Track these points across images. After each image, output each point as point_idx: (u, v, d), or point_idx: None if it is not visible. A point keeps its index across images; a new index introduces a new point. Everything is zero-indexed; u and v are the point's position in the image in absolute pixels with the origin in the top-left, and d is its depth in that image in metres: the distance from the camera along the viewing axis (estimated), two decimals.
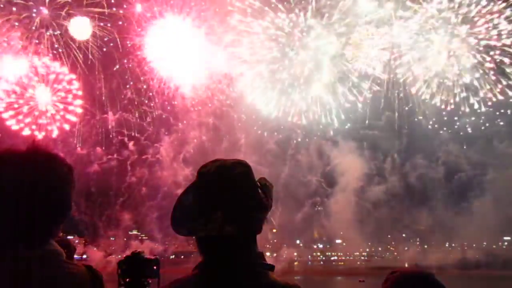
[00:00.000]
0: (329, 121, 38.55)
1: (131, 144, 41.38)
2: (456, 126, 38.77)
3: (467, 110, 36.25)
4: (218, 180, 1.62)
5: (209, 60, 37.10)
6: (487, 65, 34.83)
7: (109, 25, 35.38)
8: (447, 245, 47.74)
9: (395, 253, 49.46)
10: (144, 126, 40.48)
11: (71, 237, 47.86)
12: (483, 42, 34.31)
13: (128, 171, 41.94)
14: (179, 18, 35.87)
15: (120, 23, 35.67)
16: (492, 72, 35.10)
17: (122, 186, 42.36)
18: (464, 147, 39.77)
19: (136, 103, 38.98)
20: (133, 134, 40.89)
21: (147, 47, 36.21)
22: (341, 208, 49.52)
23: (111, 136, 40.49)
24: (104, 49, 36.04)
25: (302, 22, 36.54)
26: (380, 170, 41.16)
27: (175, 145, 40.31)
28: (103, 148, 40.90)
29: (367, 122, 39.50)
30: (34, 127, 35.04)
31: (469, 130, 37.97)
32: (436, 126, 39.12)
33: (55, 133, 35.87)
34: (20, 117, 34.62)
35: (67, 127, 36.20)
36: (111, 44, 35.91)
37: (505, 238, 47.79)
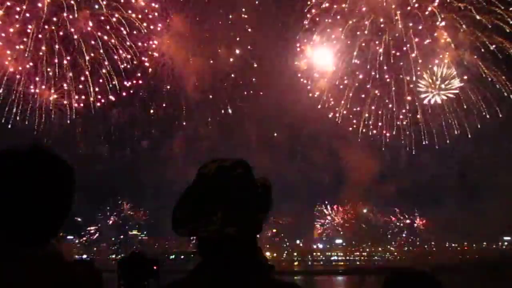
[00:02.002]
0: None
1: (144, 142, 41.51)
2: (461, 125, 38.79)
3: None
4: (218, 181, 1.62)
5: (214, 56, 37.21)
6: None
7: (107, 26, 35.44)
8: (447, 245, 47.79)
9: (395, 253, 49.47)
10: (156, 122, 40.52)
11: (71, 237, 47.93)
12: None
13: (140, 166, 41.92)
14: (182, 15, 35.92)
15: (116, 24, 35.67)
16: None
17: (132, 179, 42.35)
18: (468, 148, 39.74)
19: (140, 96, 38.89)
20: (143, 130, 40.98)
21: (152, 44, 36.31)
22: (342, 208, 49.64)
23: (113, 132, 40.44)
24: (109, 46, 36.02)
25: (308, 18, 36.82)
26: (384, 169, 40.87)
27: (186, 142, 40.22)
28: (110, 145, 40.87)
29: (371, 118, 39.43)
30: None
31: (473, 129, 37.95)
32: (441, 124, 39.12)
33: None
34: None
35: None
36: (114, 43, 35.89)
37: (505, 238, 47.82)
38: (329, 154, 40.79)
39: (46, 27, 34.00)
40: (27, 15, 33.13)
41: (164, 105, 39.17)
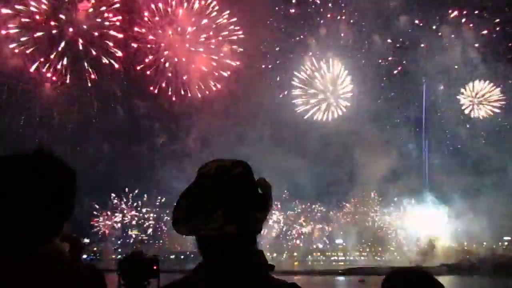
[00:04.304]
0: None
1: (161, 140, 41.38)
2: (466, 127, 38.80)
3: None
4: (218, 180, 1.63)
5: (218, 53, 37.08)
6: None
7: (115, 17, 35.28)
8: (447, 245, 47.72)
9: (395, 253, 49.40)
10: (172, 117, 40.39)
11: None
12: None
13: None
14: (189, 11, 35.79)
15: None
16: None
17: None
18: (469, 148, 39.69)
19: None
20: (160, 124, 40.90)
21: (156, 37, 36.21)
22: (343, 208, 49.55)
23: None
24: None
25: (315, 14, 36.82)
26: (388, 169, 40.60)
27: (201, 137, 40.00)
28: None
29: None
30: None
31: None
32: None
33: None
34: None
35: None
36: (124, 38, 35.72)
37: (505, 238, 47.76)
38: (333, 153, 40.67)
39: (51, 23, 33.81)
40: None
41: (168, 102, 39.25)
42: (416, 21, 36.49)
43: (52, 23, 33.79)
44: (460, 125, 39.03)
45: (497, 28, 35.16)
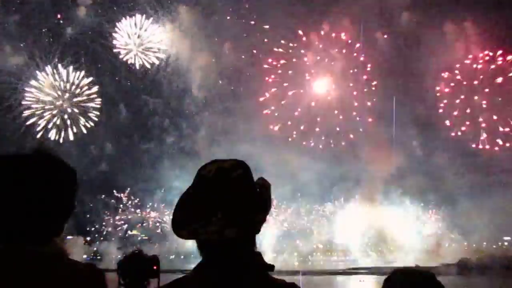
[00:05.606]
0: None
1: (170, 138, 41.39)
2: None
3: None
4: (218, 182, 1.63)
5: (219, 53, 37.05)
6: None
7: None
8: (447, 245, 47.71)
9: (396, 253, 49.36)
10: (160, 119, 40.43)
11: (71, 236, 47.89)
12: None
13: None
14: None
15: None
16: None
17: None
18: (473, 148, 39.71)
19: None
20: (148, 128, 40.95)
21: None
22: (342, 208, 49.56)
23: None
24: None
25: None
26: (389, 168, 40.50)
27: (205, 135, 39.96)
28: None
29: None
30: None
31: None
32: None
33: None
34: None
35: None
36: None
37: (505, 238, 47.73)
38: (336, 153, 40.61)
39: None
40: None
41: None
42: (417, 19, 36.50)
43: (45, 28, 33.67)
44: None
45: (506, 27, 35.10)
